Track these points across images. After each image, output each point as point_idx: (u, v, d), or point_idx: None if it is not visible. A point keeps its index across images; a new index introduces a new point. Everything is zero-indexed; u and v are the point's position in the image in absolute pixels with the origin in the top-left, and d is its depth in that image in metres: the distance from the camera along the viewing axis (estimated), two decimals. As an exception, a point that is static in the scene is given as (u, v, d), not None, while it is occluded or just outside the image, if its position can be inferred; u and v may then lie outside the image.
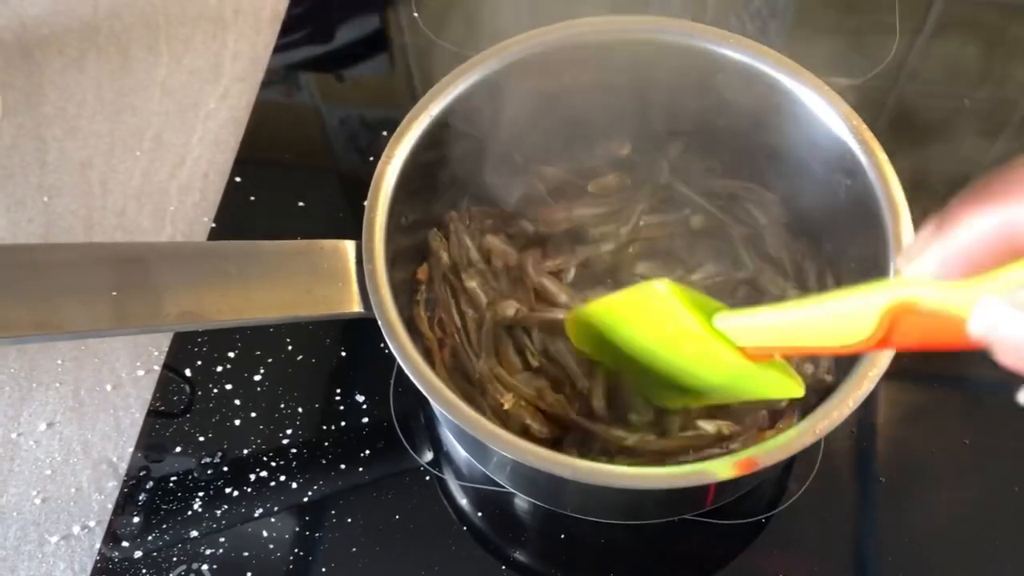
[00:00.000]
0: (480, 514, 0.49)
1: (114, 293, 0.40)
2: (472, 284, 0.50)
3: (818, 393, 0.44)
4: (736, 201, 0.53)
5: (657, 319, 0.38)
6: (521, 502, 0.50)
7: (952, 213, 0.23)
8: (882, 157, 0.43)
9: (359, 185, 0.44)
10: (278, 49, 0.69)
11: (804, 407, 0.44)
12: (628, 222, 0.51)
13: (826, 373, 0.45)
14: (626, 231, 0.51)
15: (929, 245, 0.24)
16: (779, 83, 0.47)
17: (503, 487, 0.49)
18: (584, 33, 0.48)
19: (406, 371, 0.39)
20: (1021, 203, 0.22)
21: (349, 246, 0.44)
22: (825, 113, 0.45)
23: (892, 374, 0.52)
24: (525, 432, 0.45)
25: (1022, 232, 0.22)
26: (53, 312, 0.39)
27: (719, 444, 0.44)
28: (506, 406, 0.44)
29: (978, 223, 0.23)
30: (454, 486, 0.50)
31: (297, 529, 0.49)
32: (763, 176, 0.52)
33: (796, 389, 0.39)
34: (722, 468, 0.36)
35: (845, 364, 0.41)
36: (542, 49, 0.47)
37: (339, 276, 0.43)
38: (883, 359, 0.39)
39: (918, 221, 0.42)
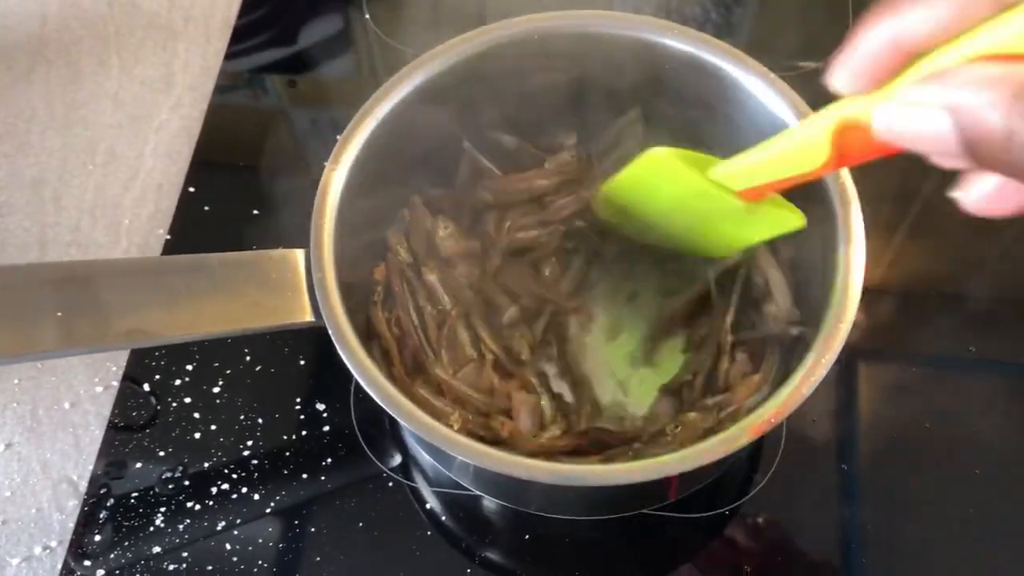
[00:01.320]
0: (446, 517, 0.49)
1: (59, 314, 0.39)
2: (431, 278, 0.49)
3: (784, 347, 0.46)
4: None
5: (666, 182, 0.42)
6: (487, 503, 0.50)
7: (853, 32, 0.26)
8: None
9: (316, 191, 0.43)
10: (233, 55, 0.68)
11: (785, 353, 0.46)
12: (590, 188, 0.51)
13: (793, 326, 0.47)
14: (587, 196, 0.51)
15: (840, 62, 0.27)
16: (726, 72, 0.47)
17: (468, 490, 0.49)
18: (529, 29, 0.47)
19: (358, 379, 0.39)
20: (903, 14, 0.25)
21: (299, 254, 0.43)
22: (772, 102, 0.45)
23: (853, 357, 0.53)
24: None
25: (908, 39, 0.25)
26: None
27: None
28: (455, 427, 0.44)
29: (871, 36, 0.26)
30: (420, 490, 0.50)
31: (261, 541, 0.48)
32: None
33: (798, 220, 0.42)
34: (670, 461, 0.36)
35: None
36: (486, 47, 0.47)
37: (289, 286, 0.42)
38: (835, 344, 0.39)
39: (867, 208, 0.42)
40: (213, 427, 0.52)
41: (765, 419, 0.38)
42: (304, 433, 0.51)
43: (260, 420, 0.52)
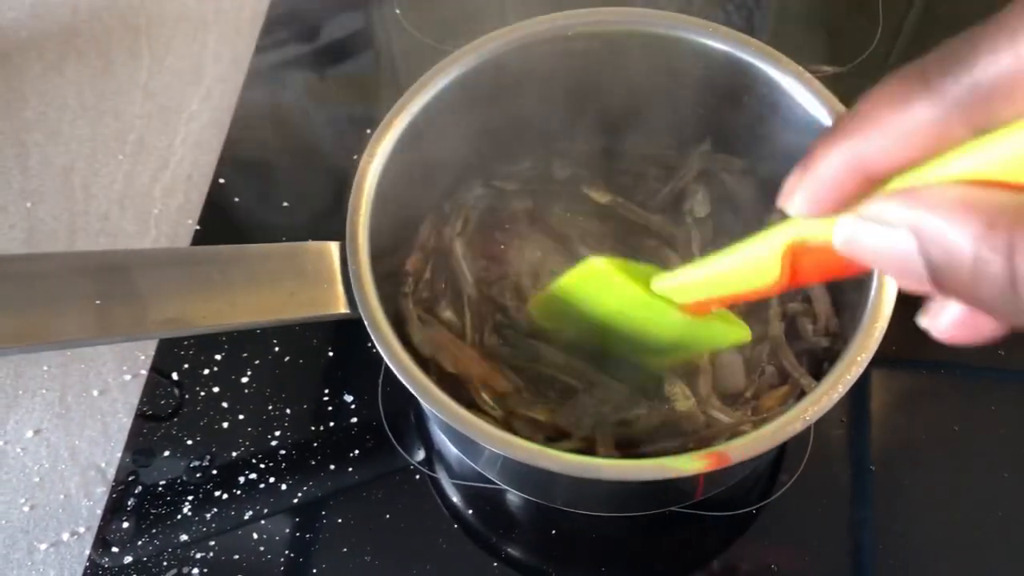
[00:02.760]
0: (471, 511, 0.49)
1: (97, 302, 0.40)
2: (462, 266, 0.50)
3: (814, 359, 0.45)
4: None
5: (605, 291, 0.40)
6: (512, 498, 0.50)
7: (811, 153, 0.24)
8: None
9: (344, 183, 0.44)
10: (260, 49, 0.69)
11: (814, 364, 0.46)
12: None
13: (823, 336, 0.47)
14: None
15: (797, 185, 0.25)
16: (761, 71, 0.46)
17: (494, 484, 0.49)
18: (565, 26, 0.47)
19: (394, 370, 0.39)
20: (866, 137, 0.22)
21: (333, 247, 0.43)
22: (806, 100, 0.45)
23: (880, 362, 0.53)
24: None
25: (871, 163, 0.23)
26: (35, 323, 0.39)
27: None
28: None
29: (831, 159, 0.23)
30: (445, 484, 0.50)
31: (288, 531, 0.49)
32: (743, 160, 0.52)
33: (742, 334, 0.41)
34: (688, 463, 0.36)
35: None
36: (522, 43, 0.47)
37: (324, 278, 0.43)
38: (870, 345, 0.39)
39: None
40: (241, 417, 0.52)
41: (820, 403, 0.38)
42: (332, 424, 0.52)
43: (288, 411, 0.52)
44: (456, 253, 0.50)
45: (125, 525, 0.49)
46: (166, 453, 0.51)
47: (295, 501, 0.49)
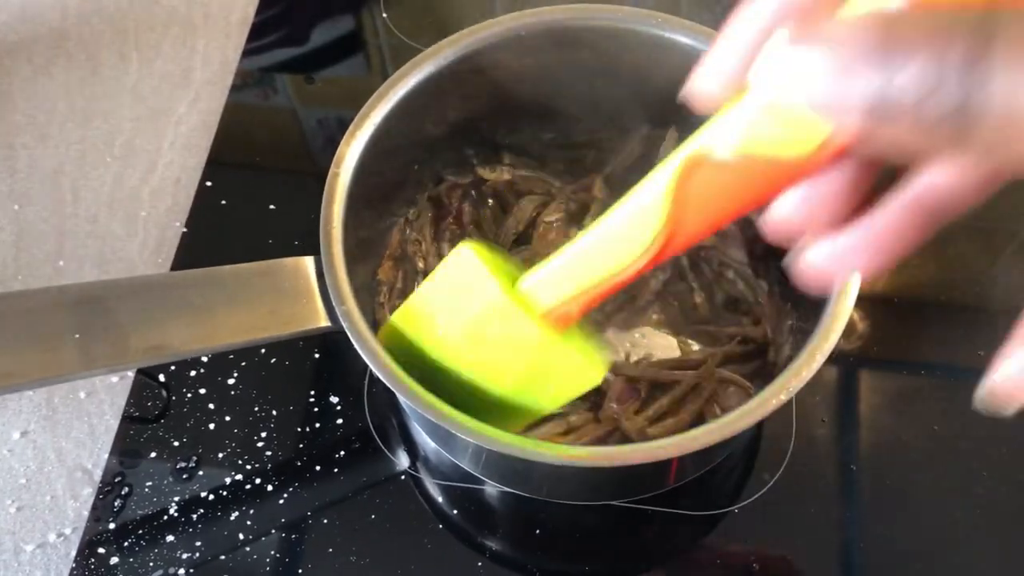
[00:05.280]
0: (456, 511, 0.50)
1: (77, 336, 0.40)
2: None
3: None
4: None
5: (462, 297, 0.37)
6: (495, 498, 0.50)
7: (729, 23, 0.21)
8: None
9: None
10: (252, 51, 0.69)
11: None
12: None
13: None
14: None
15: (709, 60, 0.22)
16: None
17: (477, 484, 0.50)
18: (545, 21, 0.47)
19: (384, 380, 0.39)
20: None
21: (309, 262, 0.44)
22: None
23: (862, 362, 0.54)
24: None
25: (800, 7, 0.20)
26: (16, 362, 0.39)
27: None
28: None
29: (753, 16, 0.21)
30: (429, 485, 0.50)
31: (274, 531, 0.49)
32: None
33: (596, 373, 0.38)
34: (676, 443, 0.37)
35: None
36: (490, 41, 0.47)
37: (303, 293, 0.43)
38: (842, 313, 0.39)
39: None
40: (227, 418, 0.52)
41: (800, 376, 0.38)
42: (317, 426, 0.52)
43: (274, 412, 0.52)
44: (415, 263, 0.52)
45: (111, 526, 0.49)
46: (152, 454, 0.51)
47: (281, 502, 0.50)
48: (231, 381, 0.53)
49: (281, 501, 0.50)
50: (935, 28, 0.17)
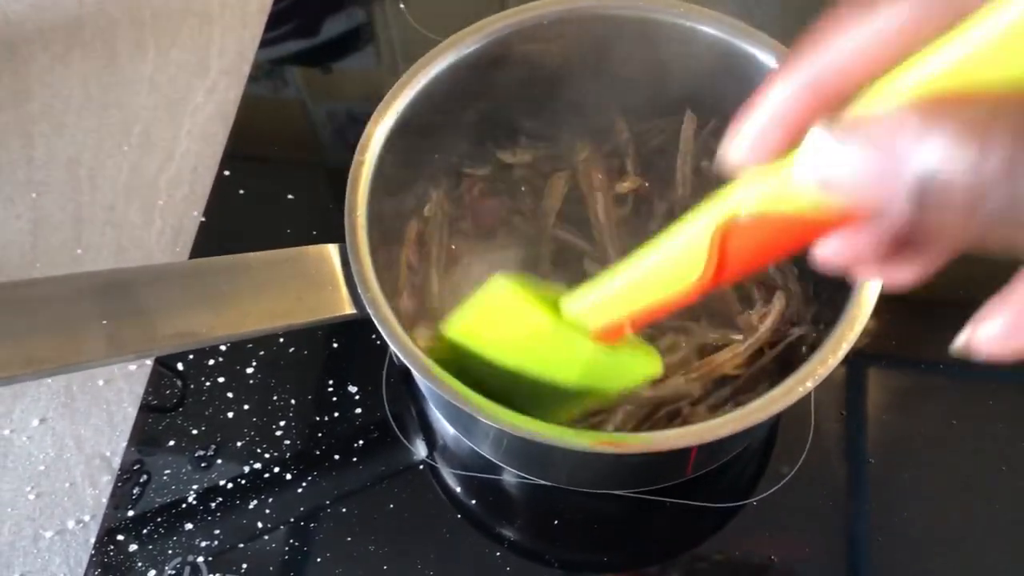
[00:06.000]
0: (474, 500, 0.50)
1: (104, 322, 0.40)
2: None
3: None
4: None
5: (508, 320, 0.37)
6: (514, 487, 0.50)
7: (760, 89, 0.21)
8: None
9: (347, 177, 0.44)
10: (265, 43, 0.69)
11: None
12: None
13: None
14: None
15: (743, 126, 0.22)
16: (755, 57, 0.47)
17: (496, 473, 0.50)
18: (567, 9, 0.48)
19: (408, 365, 0.39)
20: (827, 50, 0.20)
21: (333, 250, 0.44)
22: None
23: (878, 359, 0.54)
24: None
25: (830, 84, 0.20)
26: (44, 348, 0.39)
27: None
28: None
29: (785, 85, 0.21)
30: (448, 474, 0.51)
31: (292, 520, 0.49)
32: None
33: (654, 367, 0.38)
34: (698, 431, 0.37)
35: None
36: (514, 29, 0.47)
37: (328, 280, 0.43)
38: (865, 305, 0.39)
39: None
40: (246, 407, 0.52)
41: (826, 363, 0.38)
42: (336, 415, 0.52)
43: (292, 401, 0.52)
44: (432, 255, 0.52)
45: (130, 513, 0.49)
46: (171, 443, 0.51)
47: (299, 491, 0.50)
48: (249, 370, 0.53)
49: (299, 490, 0.50)
50: (979, 120, 0.17)
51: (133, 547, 0.48)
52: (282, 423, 0.52)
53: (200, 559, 0.48)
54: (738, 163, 0.22)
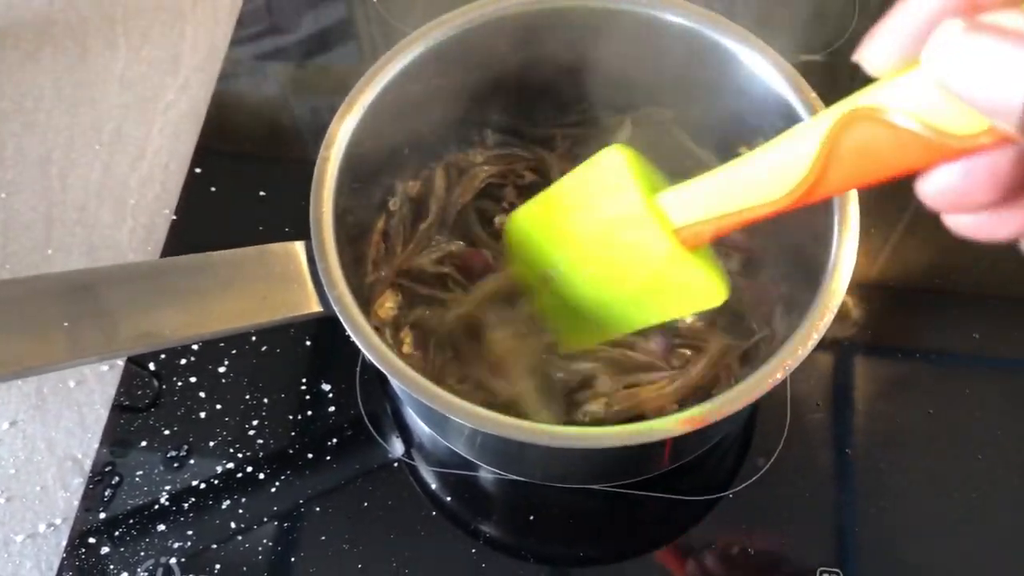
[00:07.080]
0: (450, 497, 0.49)
1: (66, 324, 0.39)
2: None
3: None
4: None
5: (604, 194, 0.37)
6: (490, 484, 0.50)
7: None
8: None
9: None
10: (237, 39, 0.68)
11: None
12: None
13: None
14: None
15: (882, 29, 0.21)
16: (723, 46, 0.46)
17: (471, 470, 0.49)
18: (533, 2, 0.47)
19: (376, 364, 0.39)
20: None
21: (299, 247, 0.43)
22: (769, 75, 0.45)
23: (857, 348, 0.53)
24: None
25: None
26: (5, 351, 0.38)
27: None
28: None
29: None
30: (423, 471, 0.50)
31: (266, 520, 0.49)
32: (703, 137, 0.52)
33: (718, 294, 0.38)
34: (671, 424, 0.37)
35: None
36: (478, 23, 0.47)
37: (293, 278, 0.42)
38: (826, 316, 0.39)
39: (870, 202, 0.42)
40: (218, 407, 0.52)
41: (796, 354, 0.37)
42: (309, 414, 0.51)
43: (265, 400, 0.52)
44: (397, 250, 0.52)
45: (102, 516, 0.49)
46: (143, 443, 0.51)
47: (273, 490, 0.49)
48: (222, 369, 0.53)
49: (273, 490, 0.49)
50: None
51: (105, 549, 0.48)
52: (255, 422, 0.51)
53: (173, 560, 0.47)
54: (873, 66, 0.22)
